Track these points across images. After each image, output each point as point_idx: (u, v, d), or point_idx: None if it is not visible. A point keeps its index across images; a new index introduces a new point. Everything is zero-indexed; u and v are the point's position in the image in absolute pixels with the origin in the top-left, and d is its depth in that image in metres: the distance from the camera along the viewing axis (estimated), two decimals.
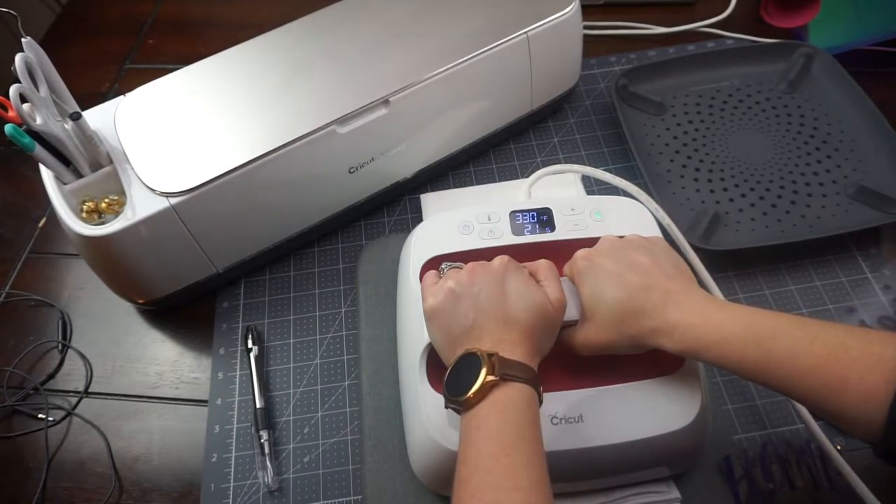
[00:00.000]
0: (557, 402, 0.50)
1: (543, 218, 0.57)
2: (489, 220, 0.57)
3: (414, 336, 0.53)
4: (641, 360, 0.50)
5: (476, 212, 0.57)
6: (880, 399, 0.36)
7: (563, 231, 0.56)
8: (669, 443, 0.49)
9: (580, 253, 0.51)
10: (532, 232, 0.56)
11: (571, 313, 0.49)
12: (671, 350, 0.45)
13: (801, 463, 0.55)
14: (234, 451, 0.60)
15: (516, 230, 0.56)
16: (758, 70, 0.82)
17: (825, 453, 0.55)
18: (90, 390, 0.65)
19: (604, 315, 0.48)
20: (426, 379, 0.51)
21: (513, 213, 0.57)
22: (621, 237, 0.51)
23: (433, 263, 0.55)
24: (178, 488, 0.59)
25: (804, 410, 0.56)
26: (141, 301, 0.67)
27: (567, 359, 0.51)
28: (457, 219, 0.57)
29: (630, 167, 0.76)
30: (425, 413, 0.50)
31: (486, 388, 0.42)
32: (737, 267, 0.68)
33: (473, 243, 0.55)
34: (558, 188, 0.71)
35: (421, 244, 0.57)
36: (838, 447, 0.55)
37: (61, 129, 0.57)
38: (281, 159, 0.60)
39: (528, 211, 0.57)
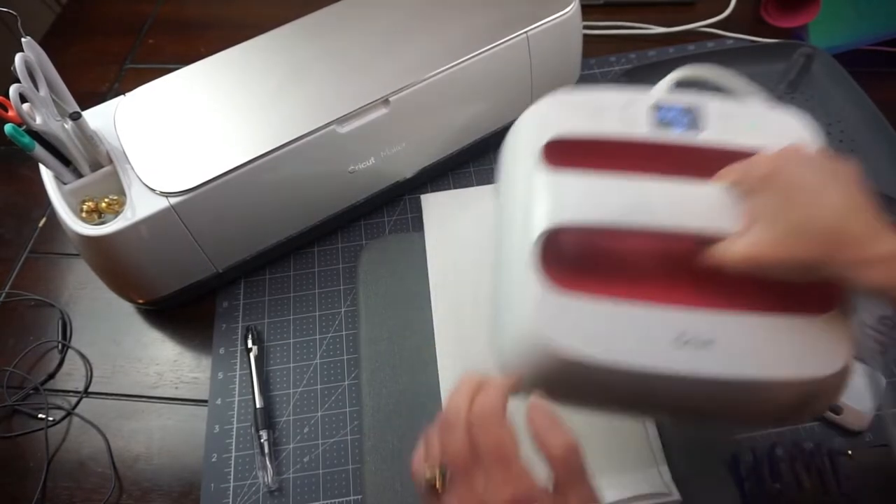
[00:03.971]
0: (688, 319, 0.42)
1: (690, 116, 0.49)
2: (626, 108, 0.49)
3: (526, 221, 0.46)
4: (791, 291, 0.43)
5: (611, 95, 0.50)
6: None
7: (713, 134, 0.48)
8: (805, 390, 0.42)
9: (762, 156, 0.45)
10: (677, 128, 0.48)
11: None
12: (864, 286, 0.38)
13: (811, 464, 0.54)
14: (233, 450, 0.60)
15: (657, 124, 0.48)
16: (758, 70, 0.81)
17: (835, 455, 0.54)
18: (90, 390, 0.65)
19: (789, 228, 0.41)
20: (540, 267, 0.44)
21: (655, 105, 0.49)
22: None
23: (557, 147, 0.47)
24: (178, 488, 0.59)
25: None
26: (141, 301, 0.67)
27: (705, 273, 0.44)
28: (587, 98, 0.50)
29: None
30: (533, 308, 0.43)
31: None
32: None
33: (606, 128, 0.48)
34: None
35: (541, 123, 0.49)
36: (848, 451, 0.55)
37: (61, 129, 0.57)
38: (281, 159, 0.60)
39: (673, 106, 0.49)
